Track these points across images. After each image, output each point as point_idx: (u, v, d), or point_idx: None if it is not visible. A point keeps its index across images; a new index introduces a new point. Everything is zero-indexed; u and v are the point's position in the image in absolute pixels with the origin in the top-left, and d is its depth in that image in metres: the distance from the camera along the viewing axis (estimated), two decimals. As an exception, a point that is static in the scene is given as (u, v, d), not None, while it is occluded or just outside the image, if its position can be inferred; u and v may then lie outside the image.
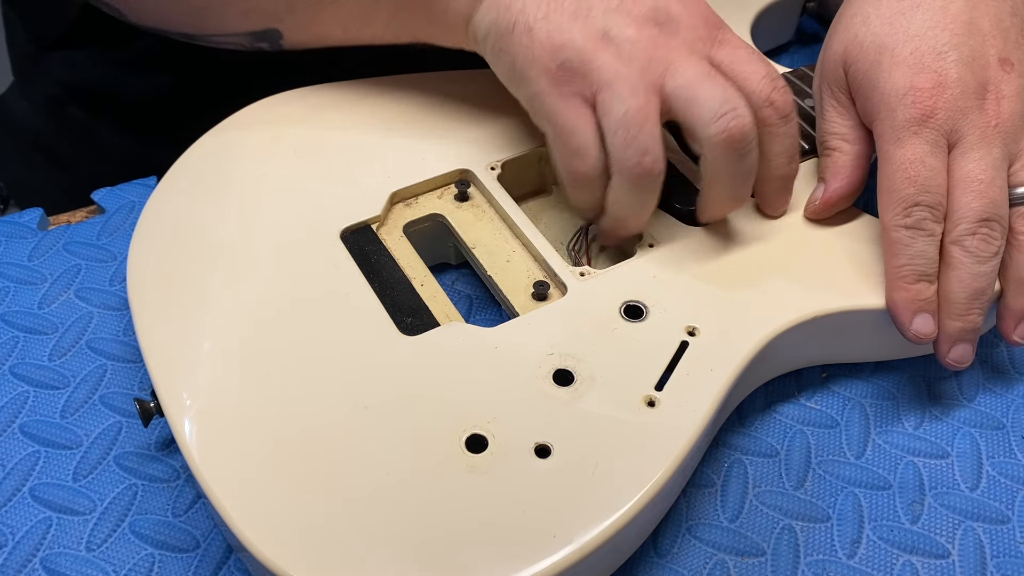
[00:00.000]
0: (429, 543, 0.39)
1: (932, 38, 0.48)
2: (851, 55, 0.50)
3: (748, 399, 0.50)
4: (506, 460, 0.41)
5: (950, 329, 0.47)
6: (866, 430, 0.50)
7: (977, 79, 0.47)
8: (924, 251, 0.46)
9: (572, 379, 0.44)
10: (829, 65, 0.51)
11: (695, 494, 0.47)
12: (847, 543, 0.46)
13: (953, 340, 0.48)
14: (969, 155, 0.47)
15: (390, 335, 0.46)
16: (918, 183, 0.46)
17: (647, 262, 0.49)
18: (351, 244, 0.50)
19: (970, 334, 0.48)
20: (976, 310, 0.47)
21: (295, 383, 0.44)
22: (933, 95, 0.47)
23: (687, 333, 0.46)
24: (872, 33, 0.49)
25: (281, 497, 0.40)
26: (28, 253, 0.56)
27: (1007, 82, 0.48)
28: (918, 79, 0.47)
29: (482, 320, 0.53)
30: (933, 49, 0.47)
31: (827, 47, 0.52)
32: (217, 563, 0.45)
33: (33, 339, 0.52)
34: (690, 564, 0.45)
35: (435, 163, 0.53)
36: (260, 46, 0.55)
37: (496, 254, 0.51)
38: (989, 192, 0.46)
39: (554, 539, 0.39)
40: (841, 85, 0.51)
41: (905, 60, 0.48)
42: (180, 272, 0.48)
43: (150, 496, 0.47)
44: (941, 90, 0.47)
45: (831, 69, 0.51)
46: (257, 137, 0.54)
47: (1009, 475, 0.48)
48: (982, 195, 0.46)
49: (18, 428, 0.49)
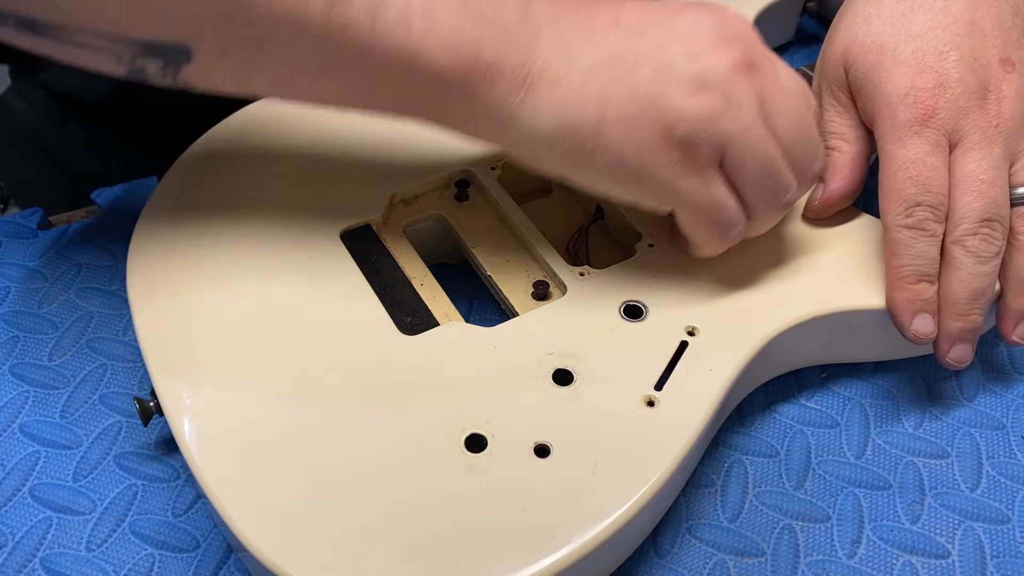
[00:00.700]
0: (428, 542, 0.39)
1: (934, 38, 0.48)
2: (852, 55, 0.49)
3: (748, 399, 0.50)
4: (505, 460, 0.41)
5: (950, 329, 0.47)
6: (866, 430, 0.50)
7: (978, 79, 0.47)
8: (925, 251, 0.46)
9: (571, 379, 0.44)
10: (829, 65, 0.51)
11: (695, 494, 0.47)
12: (847, 543, 0.46)
13: (953, 340, 0.48)
14: (971, 155, 0.47)
15: (390, 334, 0.46)
16: (920, 183, 0.46)
17: (647, 262, 0.49)
18: (351, 244, 0.50)
19: (970, 334, 0.48)
20: (977, 310, 0.47)
21: (294, 382, 0.44)
22: (934, 95, 0.47)
23: (687, 333, 0.46)
24: (873, 33, 0.49)
25: (280, 496, 0.40)
26: (28, 253, 0.56)
27: (1008, 82, 0.48)
28: (919, 79, 0.47)
29: (482, 320, 0.53)
30: (935, 49, 0.47)
31: (827, 46, 0.52)
32: (217, 563, 0.45)
33: (33, 339, 0.52)
34: (690, 564, 0.45)
35: (435, 163, 0.53)
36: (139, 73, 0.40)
37: (496, 254, 0.51)
38: (990, 192, 0.46)
39: (553, 539, 0.39)
40: (841, 84, 0.51)
41: (907, 60, 0.48)
42: (180, 272, 0.48)
43: (150, 496, 0.47)
44: (942, 90, 0.47)
45: (831, 68, 0.51)
46: (257, 137, 0.54)
47: (1009, 475, 0.48)
48: (983, 195, 0.46)
49: (18, 428, 0.49)
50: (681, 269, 0.49)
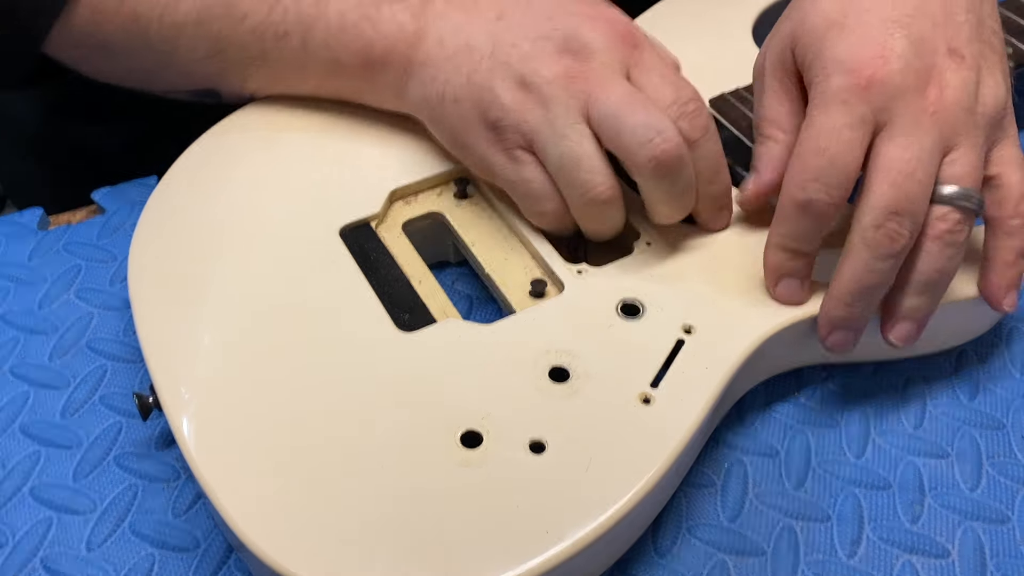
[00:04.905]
0: (423, 538, 0.39)
1: (883, 14, 0.46)
2: (800, 32, 0.48)
3: (748, 399, 0.50)
4: (500, 456, 0.41)
5: (832, 314, 0.46)
6: (866, 430, 0.50)
7: (923, 62, 0.45)
8: (807, 230, 0.45)
9: (568, 376, 0.44)
10: (775, 50, 0.49)
11: (695, 494, 0.47)
12: (847, 543, 0.45)
13: (833, 326, 0.46)
14: (896, 140, 0.44)
15: (387, 331, 0.46)
16: (827, 156, 0.44)
17: (644, 260, 0.49)
18: (350, 241, 0.50)
19: (853, 323, 0.46)
20: (861, 303, 0.45)
21: (292, 379, 0.44)
22: (872, 66, 0.45)
23: (683, 331, 0.46)
24: (822, 12, 0.47)
25: (277, 492, 0.40)
26: (28, 253, 0.56)
27: (954, 72, 0.46)
28: (862, 49, 0.45)
29: (482, 318, 0.53)
30: (882, 23, 0.46)
31: (773, 35, 0.50)
32: (217, 563, 0.45)
33: (33, 339, 0.52)
34: (690, 564, 0.45)
35: (435, 161, 0.54)
36: (205, 100, 0.57)
37: (494, 252, 0.51)
38: (906, 185, 0.44)
39: (547, 535, 0.39)
40: (787, 66, 0.49)
41: (853, 31, 0.46)
42: (180, 270, 0.48)
43: (150, 496, 0.47)
44: (883, 63, 0.45)
45: (777, 53, 0.49)
46: (257, 136, 0.55)
47: (1009, 475, 0.48)
48: (897, 187, 0.44)
49: (18, 428, 0.49)
50: (679, 267, 0.49)
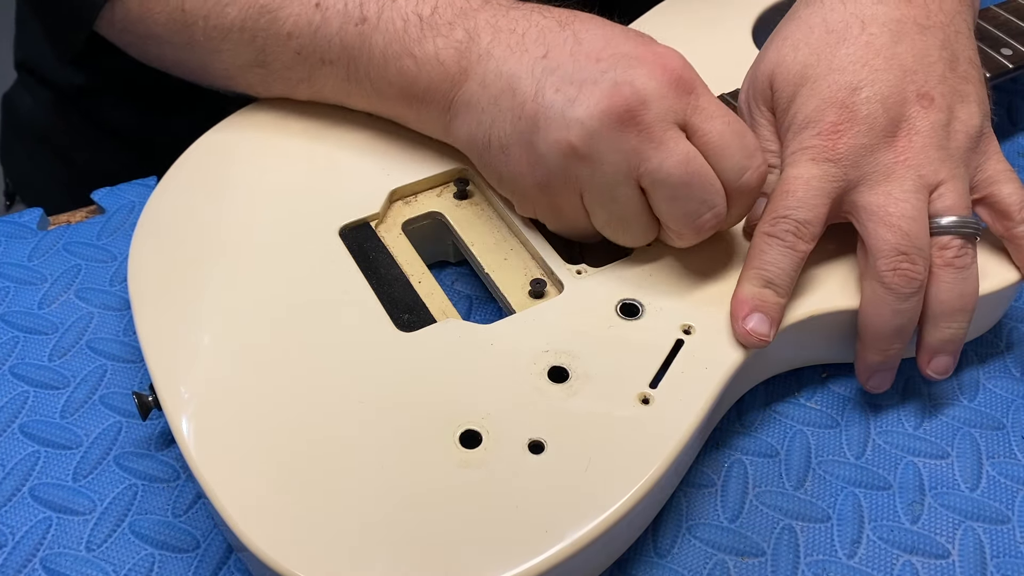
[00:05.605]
0: (423, 538, 0.39)
1: (851, 73, 0.48)
2: (778, 78, 0.50)
3: (748, 399, 0.50)
4: (499, 456, 0.41)
5: (870, 361, 0.48)
6: (866, 430, 0.50)
7: (890, 116, 0.47)
8: (776, 260, 0.46)
9: (567, 376, 0.44)
10: (760, 81, 0.51)
11: (695, 494, 0.47)
12: (847, 543, 0.45)
13: (872, 371, 0.49)
14: (876, 189, 0.47)
15: (387, 331, 0.46)
16: (796, 197, 0.47)
17: (644, 261, 0.49)
18: (350, 241, 0.50)
19: (890, 364, 0.48)
20: (896, 346, 0.47)
21: (292, 378, 0.44)
22: (838, 130, 0.47)
23: (682, 331, 0.46)
24: (799, 62, 0.49)
25: (277, 492, 0.40)
26: (28, 253, 0.56)
27: (923, 117, 0.47)
28: (828, 113, 0.47)
29: (481, 319, 0.53)
30: (849, 85, 0.48)
31: (757, 66, 0.52)
32: (217, 563, 0.45)
33: (33, 339, 0.52)
34: (690, 564, 0.45)
35: (434, 161, 0.54)
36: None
37: (494, 252, 0.51)
38: (901, 224, 0.46)
39: (546, 535, 0.39)
40: (768, 103, 0.51)
41: (821, 92, 0.48)
42: (180, 269, 0.48)
43: (150, 496, 0.47)
44: (848, 126, 0.47)
45: (761, 85, 0.51)
46: (257, 135, 0.55)
47: (1009, 475, 0.48)
48: (895, 228, 0.46)
49: (18, 428, 0.49)
50: (678, 268, 0.49)
